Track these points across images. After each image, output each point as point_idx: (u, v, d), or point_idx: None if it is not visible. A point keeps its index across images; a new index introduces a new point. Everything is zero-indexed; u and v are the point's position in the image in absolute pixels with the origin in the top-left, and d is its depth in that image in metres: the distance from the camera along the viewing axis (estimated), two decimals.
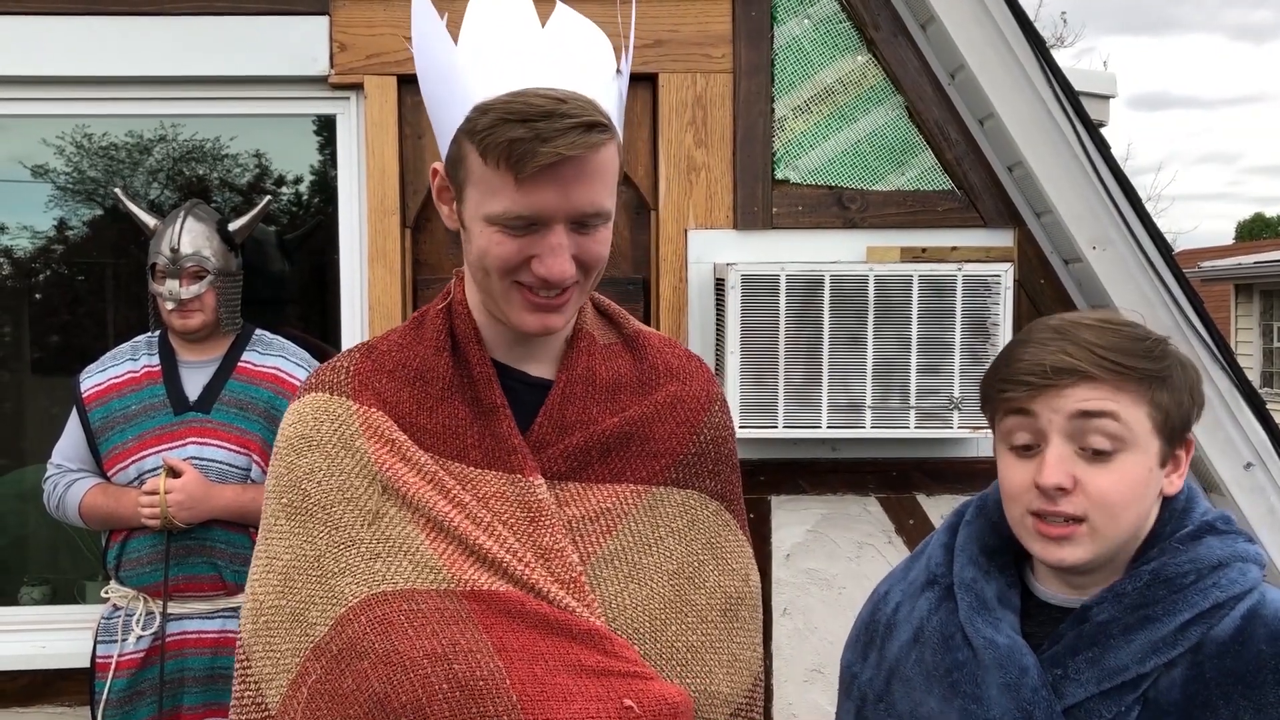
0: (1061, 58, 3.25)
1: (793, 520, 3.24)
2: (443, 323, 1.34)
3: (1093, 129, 3.09)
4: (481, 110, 1.17)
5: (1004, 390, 1.25)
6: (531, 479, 1.28)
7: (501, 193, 1.17)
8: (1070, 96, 3.07)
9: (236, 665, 1.33)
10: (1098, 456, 1.22)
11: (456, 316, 1.34)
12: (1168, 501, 1.29)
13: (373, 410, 1.30)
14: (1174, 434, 1.26)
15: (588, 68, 1.22)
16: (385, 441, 1.28)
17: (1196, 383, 1.28)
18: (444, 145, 1.25)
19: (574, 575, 1.25)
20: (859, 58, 3.19)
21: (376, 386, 1.32)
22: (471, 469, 1.28)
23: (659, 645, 1.28)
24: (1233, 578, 1.23)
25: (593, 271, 1.26)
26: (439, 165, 1.28)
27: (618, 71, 1.26)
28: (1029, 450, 1.25)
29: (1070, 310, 3.19)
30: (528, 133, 1.13)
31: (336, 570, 1.25)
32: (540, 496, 1.27)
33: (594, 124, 1.15)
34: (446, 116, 1.23)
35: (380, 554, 1.25)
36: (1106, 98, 4.58)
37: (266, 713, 1.27)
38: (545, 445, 1.31)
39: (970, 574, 1.34)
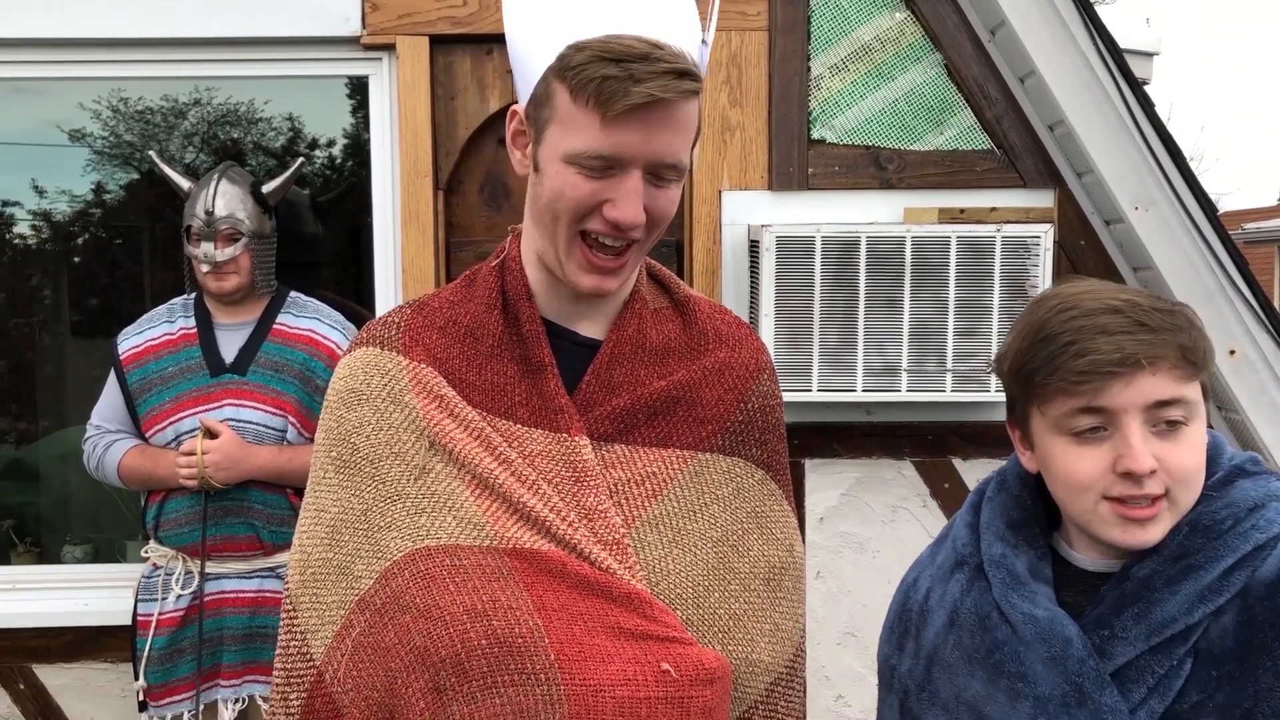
0: (1105, 13, 3.17)
1: (826, 484, 3.22)
2: (495, 280, 1.34)
3: (1136, 86, 3.03)
4: (577, 48, 1.17)
5: (1078, 383, 1.20)
6: (577, 439, 1.28)
7: (586, 130, 1.18)
8: (1114, 53, 3.01)
9: (283, 615, 1.34)
10: (1170, 431, 1.20)
11: (509, 273, 1.34)
12: None
13: (422, 366, 1.31)
14: (1208, 391, 1.26)
15: (679, 25, 1.23)
16: (434, 397, 1.29)
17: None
18: (527, 87, 1.24)
19: (617, 537, 1.25)
20: (897, 15, 3.14)
21: (427, 342, 1.32)
22: (518, 426, 1.29)
23: (701, 612, 1.28)
24: (1270, 518, 1.22)
25: (656, 229, 1.26)
26: (518, 107, 1.27)
27: (703, 41, 1.27)
28: (1094, 433, 1.21)
29: (1111, 274, 3.15)
30: (621, 72, 1.15)
31: (382, 524, 1.26)
32: (585, 457, 1.27)
33: (686, 72, 1.17)
34: (534, 56, 1.23)
35: (425, 509, 1.26)
36: (1150, 55, 4.49)
37: (311, 663, 1.29)
38: (592, 405, 1.30)
39: (999, 550, 1.32)
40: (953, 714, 1.34)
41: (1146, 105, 3.03)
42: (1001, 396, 3.25)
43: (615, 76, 1.14)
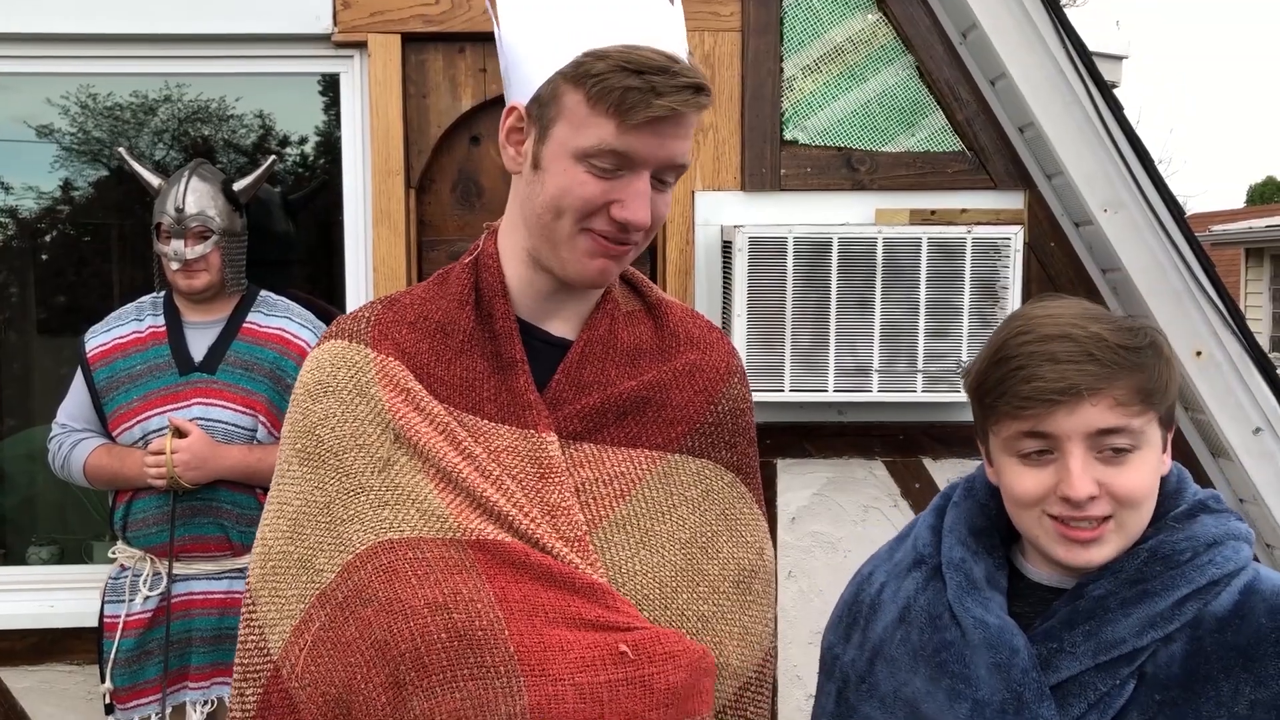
0: (1075, 17, 3.20)
1: (798, 484, 3.23)
2: (468, 276, 1.34)
3: (1106, 90, 3.05)
4: (596, 56, 1.19)
5: (1021, 408, 1.22)
6: (544, 435, 1.28)
7: (600, 131, 1.19)
8: (1084, 57, 3.03)
9: (242, 609, 1.34)
10: (1115, 457, 1.21)
11: (484, 270, 1.33)
12: (1160, 483, 1.29)
13: (390, 359, 1.31)
14: (1170, 421, 1.27)
15: (678, 31, 1.26)
16: (400, 390, 1.29)
17: (1176, 362, 1.28)
18: (529, 86, 1.25)
19: (578, 534, 1.25)
20: (869, 16, 3.15)
21: (396, 336, 1.32)
22: (485, 422, 1.29)
23: (669, 613, 1.28)
24: (1228, 555, 1.24)
25: (651, 233, 1.28)
26: (518, 104, 1.26)
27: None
28: (1040, 456, 1.24)
29: (1080, 275, 3.17)
30: (644, 84, 1.17)
31: (345, 517, 1.26)
32: (551, 454, 1.27)
33: (702, 87, 1.20)
34: (542, 58, 1.23)
35: (389, 502, 1.25)
36: (1120, 58, 4.53)
37: (268, 657, 1.28)
38: (561, 403, 1.30)
39: (959, 554, 1.33)
40: (889, 708, 1.35)
41: (1116, 108, 3.05)
42: None
43: (638, 88, 1.16)
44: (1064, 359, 1.20)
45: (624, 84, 1.16)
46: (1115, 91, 3.32)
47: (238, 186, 2.90)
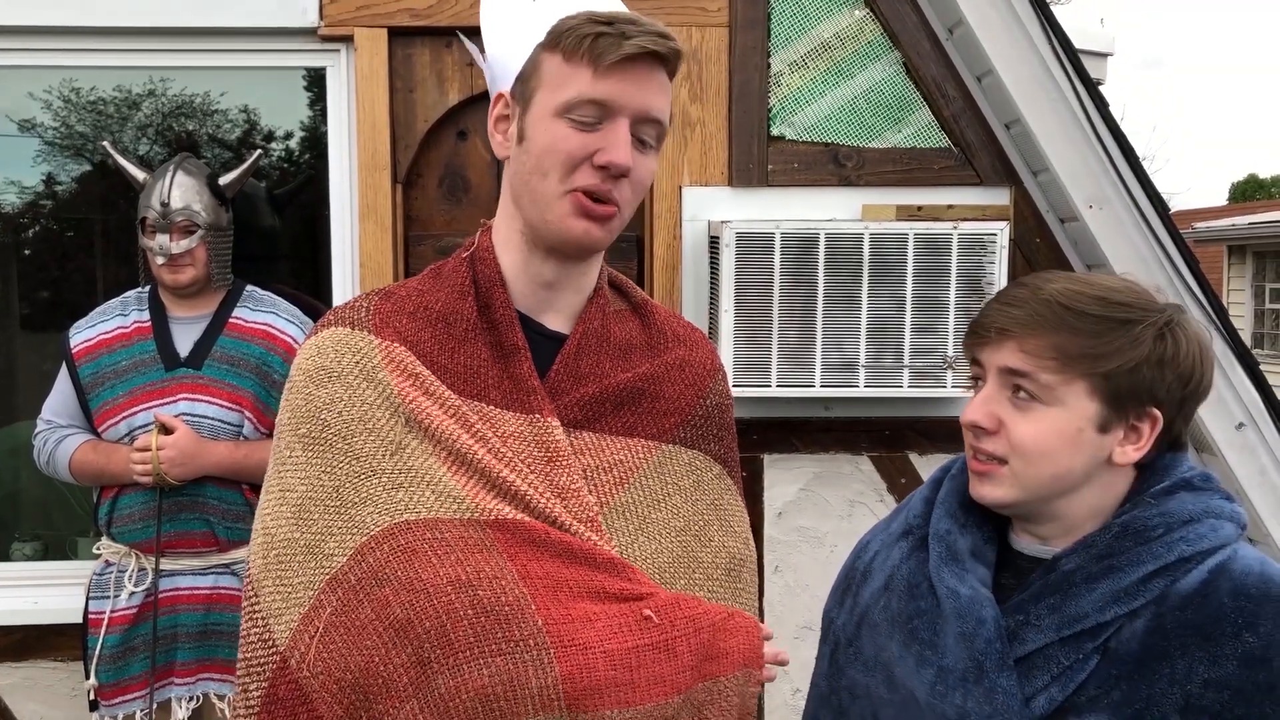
0: (1060, 14, 3.21)
1: (785, 478, 3.24)
2: (466, 270, 1.36)
3: (1091, 87, 3.06)
4: (567, 18, 1.26)
5: (967, 336, 1.33)
6: (549, 420, 1.30)
7: (577, 83, 1.24)
8: (1069, 53, 3.04)
9: (244, 601, 1.32)
10: (1023, 404, 1.26)
11: (481, 263, 1.36)
12: (1151, 462, 1.29)
13: (395, 345, 1.32)
14: (1120, 401, 1.24)
15: None
16: (408, 375, 1.30)
17: (1178, 357, 1.25)
18: (512, 70, 1.31)
19: (590, 515, 1.28)
20: (856, 12, 3.16)
21: (397, 325, 1.34)
22: (491, 408, 1.31)
23: None
24: (1201, 533, 1.23)
25: (638, 193, 1.31)
26: (503, 91, 1.32)
27: None
28: (975, 384, 1.33)
29: (1065, 269, 3.18)
30: (614, 30, 1.24)
31: (357, 500, 1.26)
32: (557, 438, 1.29)
33: (669, 35, 1.26)
34: (523, 39, 1.29)
35: (402, 484, 1.26)
36: (1105, 56, 4.55)
37: (274, 649, 1.26)
38: (560, 392, 1.33)
39: (945, 526, 1.37)
40: (870, 671, 1.39)
41: (1101, 105, 3.07)
42: (956, 392, 3.29)
43: (608, 33, 1.22)
44: (1002, 302, 1.29)
45: (595, 30, 1.23)
46: (1100, 88, 3.34)
47: (223, 181, 2.89)
